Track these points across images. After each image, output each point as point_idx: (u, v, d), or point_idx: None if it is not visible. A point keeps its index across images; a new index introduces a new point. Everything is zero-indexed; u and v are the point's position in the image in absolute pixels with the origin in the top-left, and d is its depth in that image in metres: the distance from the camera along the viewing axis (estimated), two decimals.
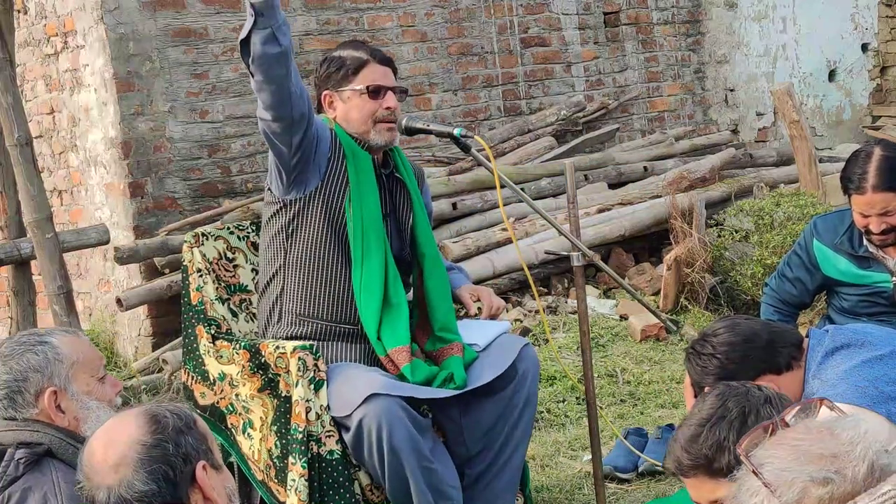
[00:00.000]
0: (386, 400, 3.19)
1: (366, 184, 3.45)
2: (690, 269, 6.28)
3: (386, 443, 3.17)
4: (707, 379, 2.94)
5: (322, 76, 3.53)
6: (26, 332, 2.63)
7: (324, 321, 3.45)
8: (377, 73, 3.48)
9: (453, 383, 3.38)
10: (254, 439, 3.44)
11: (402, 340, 3.39)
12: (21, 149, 4.61)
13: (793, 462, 1.59)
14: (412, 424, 3.22)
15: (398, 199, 3.58)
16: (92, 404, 2.50)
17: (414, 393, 3.29)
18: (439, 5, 7.36)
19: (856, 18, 9.59)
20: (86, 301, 6.73)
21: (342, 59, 3.49)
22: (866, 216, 3.76)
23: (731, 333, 2.94)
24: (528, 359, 3.51)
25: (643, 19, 8.33)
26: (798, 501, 1.55)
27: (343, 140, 3.47)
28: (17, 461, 2.36)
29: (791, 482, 1.57)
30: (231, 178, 6.54)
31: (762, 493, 1.58)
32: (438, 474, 3.29)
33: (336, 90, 3.50)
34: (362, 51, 3.52)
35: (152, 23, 6.29)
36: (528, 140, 7.51)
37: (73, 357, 2.52)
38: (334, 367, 3.37)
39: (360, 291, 3.41)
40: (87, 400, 2.50)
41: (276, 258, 3.49)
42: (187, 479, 1.95)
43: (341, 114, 3.50)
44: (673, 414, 4.87)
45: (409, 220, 3.58)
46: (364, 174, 3.46)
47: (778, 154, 8.24)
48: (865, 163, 3.75)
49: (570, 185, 3.58)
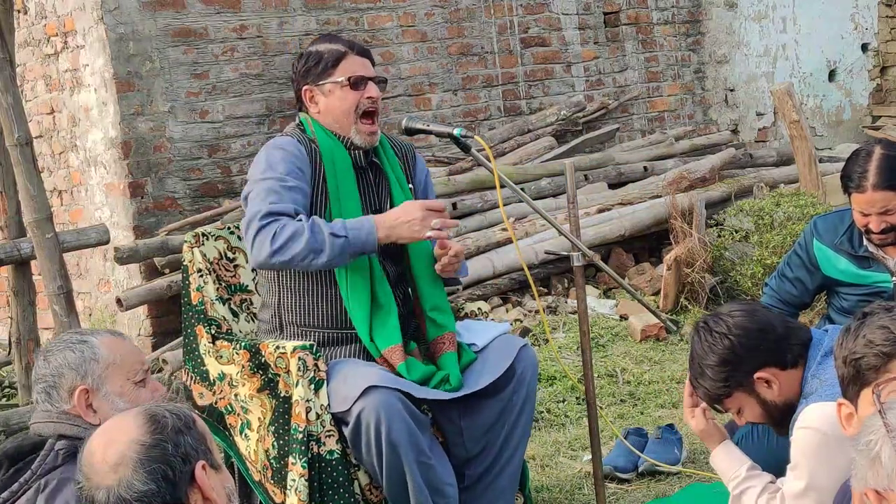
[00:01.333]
0: (384, 393, 3.19)
1: (345, 187, 3.44)
2: (690, 269, 6.28)
3: (384, 436, 3.17)
4: (710, 357, 2.93)
5: (301, 72, 3.51)
6: (72, 330, 2.68)
7: (323, 329, 3.46)
8: (356, 64, 3.48)
9: (449, 384, 3.37)
10: (251, 440, 3.44)
11: (393, 339, 3.39)
12: (21, 149, 4.61)
13: None
14: (411, 419, 3.23)
15: (379, 188, 3.57)
16: (122, 405, 2.52)
17: (411, 389, 3.29)
18: (439, 5, 7.36)
19: (856, 18, 9.59)
20: (86, 301, 6.73)
21: (320, 53, 3.48)
22: (866, 215, 3.76)
23: (749, 319, 2.94)
24: (527, 359, 3.50)
25: (643, 19, 8.33)
26: None
27: (322, 145, 3.46)
28: (56, 451, 2.42)
29: None
30: (231, 178, 6.54)
31: (880, 432, 1.72)
32: (436, 471, 3.29)
33: (316, 84, 3.48)
34: (339, 43, 3.52)
35: (152, 23, 6.29)
36: (528, 140, 7.51)
37: (111, 358, 2.55)
38: (334, 363, 3.38)
39: (349, 297, 3.41)
40: (118, 401, 2.52)
41: (270, 273, 3.49)
42: (186, 478, 1.95)
43: (323, 108, 3.48)
44: (673, 414, 4.87)
45: (386, 204, 3.55)
46: (343, 177, 3.45)
47: (778, 154, 8.24)
48: (866, 161, 3.75)
49: (570, 185, 3.58)
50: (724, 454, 3.06)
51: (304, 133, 3.50)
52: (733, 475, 3.00)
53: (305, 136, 3.49)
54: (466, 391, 3.37)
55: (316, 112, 3.51)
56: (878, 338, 2.36)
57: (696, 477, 4.19)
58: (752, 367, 2.91)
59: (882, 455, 1.70)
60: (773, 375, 2.90)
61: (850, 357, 2.38)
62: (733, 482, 3.00)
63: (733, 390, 2.95)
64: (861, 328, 2.39)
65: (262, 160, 3.42)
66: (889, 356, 2.35)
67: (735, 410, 3.00)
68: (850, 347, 2.40)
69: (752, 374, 2.90)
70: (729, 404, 2.98)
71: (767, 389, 2.92)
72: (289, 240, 3.22)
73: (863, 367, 2.36)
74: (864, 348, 2.37)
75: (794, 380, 2.92)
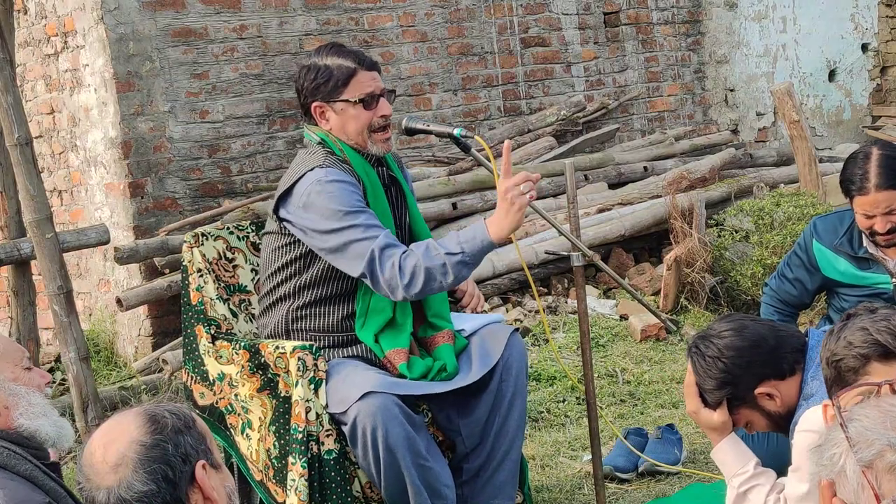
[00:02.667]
0: (380, 398, 3.20)
1: (380, 205, 3.45)
2: (690, 269, 6.28)
3: (381, 441, 3.18)
4: (709, 382, 2.94)
5: (310, 88, 3.44)
6: None
7: (336, 333, 3.47)
8: (367, 80, 3.44)
9: (446, 373, 3.41)
10: (252, 439, 3.44)
11: (399, 343, 3.42)
12: (21, 149, 4.61)
13: (879, 425, 1.68)
14: (407, 422, 3.23)
15: (396, 198, 3.58)
16: (20, 390, 2.50)
17: (410, 390, 3.31)
18: (439, 5, 7.36)
19: (856, 18, 9.59)
20: (86, 301, 6.73)
21: (329, 69, 3.42)
22: (870, 217, 3.75)
23: (739, 337, 2.92)
24: (513, 346, 3.52)
25: (643, 19, 8.33)
26: (871, 461, 1.64)
27: (353, 162, 3.44)
28: None
29: (871, 442, 1.66)
30: (231, 178, 6.54)
31: (842, 445, 1.68)
32: (434, 472, 3.30)
33: (327, 102, 3.44)
34: (348, 58, 3.46)
35: (152, 23, 6.29)
36: (528, 140, 7.51)
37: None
38: (334, 363, 3.38)
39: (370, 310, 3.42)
40: (14, 387, 2.50)
41: (285, 283, 3.48)
42: (187, 478, 1.95)
43: (336, 125, 3.45)
44: (673, 414, 4.87)
45: (405, 217, 3.59)
46: (377, 190, 3.46)
47: (778, 154, 8.24)
48: (865, 163, 3.75)
49: (570, 185, 3.58)
50: (729, 448, 3.01)
51: (335, 155, 3.44)
52: (739, 471, 2.97)
53: (337, 158, 3.43)
54: (461, 382, 3.40)
55: (328, 128, 3.46)
56: (856, 339, 2.37)
57: (696, 477, 4.19)
58: (751, 384, 2.91)
59: (847, 469, 1.66)
60: (774, 388, 2.90)
61: (831, 358, 2.39)
62: (739, 478, 2.97)
63: (738, 409, 2.95)
64: (843, 330, 2.40)
65: (325, 198, 3.31)
66: (867, 358, 2.35)
67: (743, 425, 3.00)
68: (831, 349, 2.40)
69: (752, 391, 2.90)
70: (737, 421, 2.99)
71: (770, 402, 2.91)
72: (414, 273, 3.23)
73: (842, 369, 2.37)
74: (843, 350, 2.38)
75: (794, 386, 2.92)
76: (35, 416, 2.51)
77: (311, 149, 3.46)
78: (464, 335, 3.57)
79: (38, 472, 2.41)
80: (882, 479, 1.63)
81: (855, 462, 1.65)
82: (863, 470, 1.64)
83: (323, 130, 3.47)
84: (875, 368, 2.34)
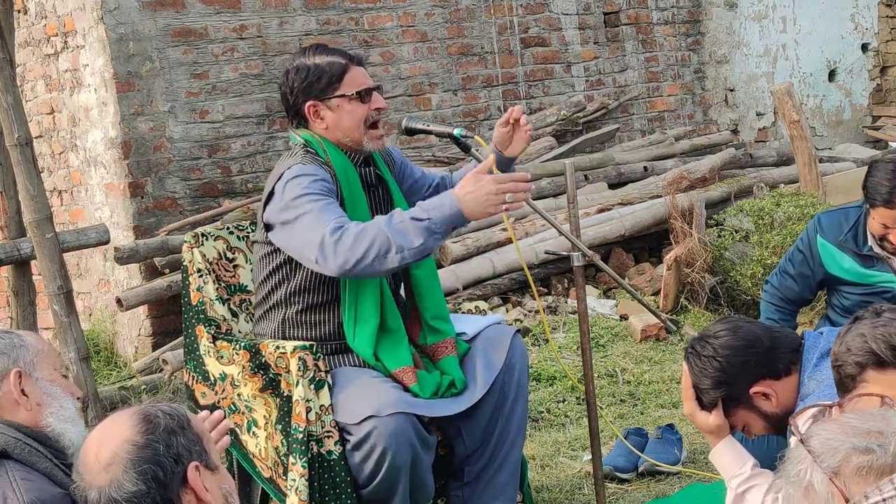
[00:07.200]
0: (399, 419, 3.19)
1: (358, 202, 3.42)
2: (690, 269, 6.28)
3: (388, 460, 3.19)
4: (705, 381, 2.95)
5: (301, 88, 3.41)
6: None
7: (330, 341, 3.46)
8: (359, 75, 3.45)
9: (455, 388, 3.40)
10: (259, 437, 3.44)
11: (403, 362, 3.39)
12: (21, 149, 4.61)
13: (840, 434, 1.70)
14: (418, 442, 3.24)
15: (381, 197, 3.57)
16: (56, 391, 2.53)
17: (427, 411, 3.30)
18: (439, 5, 7.36)
19: (856, 18, 9.59)
20: (86, 301, 6.73)
21: (319, 67, 3.41)
22: (888, 227, 3.75)
23: (734, 337, 2.94)
24: (515, 348, 3.52)
25: (643, 19, 8.33)
26: (839, 467, 1.66)
27: (335, 162, 3.41)
28: None
29: (835, 450, 1.68)
30: (231, 178, 6.54)
31: (807, 460, 1.70)
32: (426, 488, 3.34)
33: (321, 100, 3.42)
34: (337, 56, 3.46)
35: (152, 23, 6.29)
36: None
37: (38, 347, 2.57)
38: (343, 370, 3.37)
39: (357, 319, 3.39)
40: (50, 387, 2.53)
41: (275, 292, 3.46)
42: (178, 480, 1.93)
43: (331, 122, 3.42)
44: (673, 414, 4.87)
45: None
46: (355, 191, 3.43)
47: (778, 154, 8.24)
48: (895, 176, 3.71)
49: (570, 185, 3.58)
50: (727, 450, 3.02)
51: (317, 156, 3.41)
52: (737, 472, 2.97)
53: (318, 158, 3.41)
54: (470, 399, 3.39)
55: (323, 128, 3.44)
56: (854, 346, 2.37)
57: (696, 477, 4.20)
58: (746, 384, 2.91)
59: (814, 482, 1.68)
60: (769, 387, 2.91)
61: (834, 362, 2.39)
62: (737, 479, 2.97)
63: (734, 410, 2.95)
64: (847, 333, 2.40)
65: (291, 190, 3.27)
66: (863, 366, 2.35)
67: (741, 428, 3.01)
68: (835, 351, 2.40)
69: (748, 391, 2.91)
70: (734, 423, 2.99)
71: (766, 402, 2.92)
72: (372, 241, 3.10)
73: (843, 374, 2.37)
74: (844, 355, 2.38)
75: (791, 387, 2.92)
76: (64, 419, 2.55)
77: (293, 150, 3.45)
78: (465, 339, 3.56)
79: (57, 470, 2.44)
80: (850, 483, 1.65)
81: (822, 473, 1.67)
82: (830, 478, 1.66)
83: (309, 132, 3.45)
84: (871, 376, 2.34)
